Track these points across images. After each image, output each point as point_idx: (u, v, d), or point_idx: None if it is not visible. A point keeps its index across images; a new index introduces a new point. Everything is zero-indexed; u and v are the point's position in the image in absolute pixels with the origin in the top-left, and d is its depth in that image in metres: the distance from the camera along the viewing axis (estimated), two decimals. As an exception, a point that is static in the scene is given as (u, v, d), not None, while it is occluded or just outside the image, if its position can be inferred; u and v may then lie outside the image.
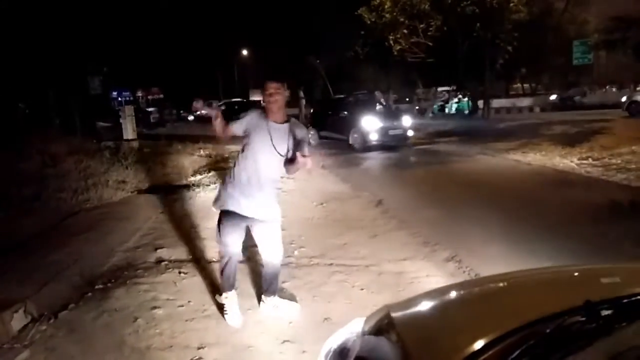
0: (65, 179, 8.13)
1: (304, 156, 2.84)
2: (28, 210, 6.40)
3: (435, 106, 27.96)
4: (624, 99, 19.49)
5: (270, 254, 3.30)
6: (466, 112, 26.03)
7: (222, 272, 3.26)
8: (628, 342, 1.14)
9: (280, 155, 3.06)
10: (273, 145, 3.02)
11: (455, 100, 26.84)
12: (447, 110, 27.39)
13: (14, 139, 10.90)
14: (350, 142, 13.84)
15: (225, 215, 3.14)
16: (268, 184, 3.13)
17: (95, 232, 5.54)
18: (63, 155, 10.04)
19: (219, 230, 3.18)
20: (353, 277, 4.08)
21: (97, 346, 3.03)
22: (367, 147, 13.31)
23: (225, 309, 3.31)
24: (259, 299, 3.53)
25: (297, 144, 3.07)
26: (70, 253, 4.81)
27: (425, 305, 1.68)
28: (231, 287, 3.30)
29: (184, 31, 33.46)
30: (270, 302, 3.42)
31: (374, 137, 13.21)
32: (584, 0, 28.42)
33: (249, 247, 4.79)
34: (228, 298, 3.30)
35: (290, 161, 3.04)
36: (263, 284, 3.46)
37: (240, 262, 4.45)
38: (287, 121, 3.12)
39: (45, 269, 4.35)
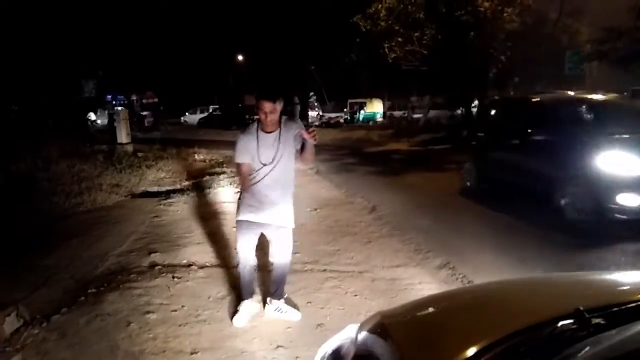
0: (58, 182, 8.11)
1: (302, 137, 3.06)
2: (21, 214, 6.36)
3: (346, 116, 29.41)
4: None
5: (280, 257, 3.39)
6: (371, 122, 27.84)
7: (240, 279, 3.41)
8: (618, 350, 1.16)
9: (267, 163, 3.14)
10: (258, 155, 3.13)
11: (362, 111, 28.87)
12: (356, 121, 28.77)
13: (6, 141, 10.85)
14: (562, 203, 5.85)
15: (241, 223, 3.27)
16: (280, 189, 3.23)
17: (89, 236, 5.52)
18: (56, 158, 10.01)
19: (237, 237, 3.32)
20: (346, 283, 4.09)
21: (90, 350, 3.02)
22: (605, 225, 5.34)
23: (237, 310, 3.40)
24: (264, 302, 3.57)
25: (296, 139, 3.19)
26: (63, 257, 4.79)
27: (418, 312, 1.70)
28: (249, 294, 3.40)
29: (180, 35, 33.46)
30: (275, 305, 3.46)
31: (629, 201, 5.22)
32: (577, 11, 28.76)
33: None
34: (243, 305, 3.40)
35: (301, 150, 3.20)
36: (271, 287, 3.52)
37: (234, 267, 4.46)
38: (279, 126, 3.18)
39: (38, 273, 4.34)
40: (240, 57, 38.64)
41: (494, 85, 21.73)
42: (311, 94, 38.30)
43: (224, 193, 7.66)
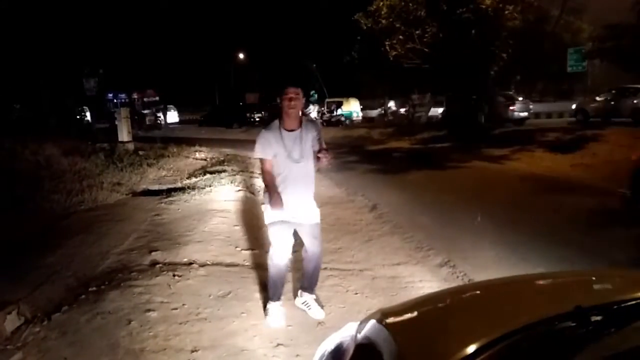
0: (59, 181, 8.11)
1: (320, 150, 3.09)
2: (22, 212, 6.37)
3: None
4: None
5: (313, 249, 3.40)
6: (347, 121, 28.15)
7: (269, 280, 3.40)
8: (617, 348, 1.16)
9: (297, 161, 3.18)
10: (289, 154, 3.16)
11: (340, 110, 29.32)
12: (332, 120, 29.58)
13: (8, 140, 10.86)
14: None
15: (274, 224, 3.26)
16: (304, 186, 3.27)
17: (90, 234, 5.52)
18: (58, 156, 10.01)
19: (271, 240, 3.33)
20: (347, 281, 4.10)
21: (91, 348, 3.02)
22: None
23: (268, 311, 3.41)
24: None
25: (314, 141, 3.23)
26: (64, 255, 4.79)
27: (419, 310, 1.70)
28: (277, 297, 3.39)
29: (181, 34, 33.45)
30: (304, 297, 3.50)
31: None
32: (579, 8, 28.67)
33: (244, 250, 4.81)
34: (272, 308, 3.40)
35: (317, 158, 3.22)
36: (303, 280, 3.57)
37: (235, 265, 4.47)
38: (300, 126, 3.21)
39: (39, 271, 4.34)
40: (241, 56, 38.64)
41: (496, 83, 21.70)
42: (312, 92, 38.33)
43: (225, 191, 7.66)
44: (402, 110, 30.84)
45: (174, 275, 4.11)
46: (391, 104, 31.94)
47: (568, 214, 6.29)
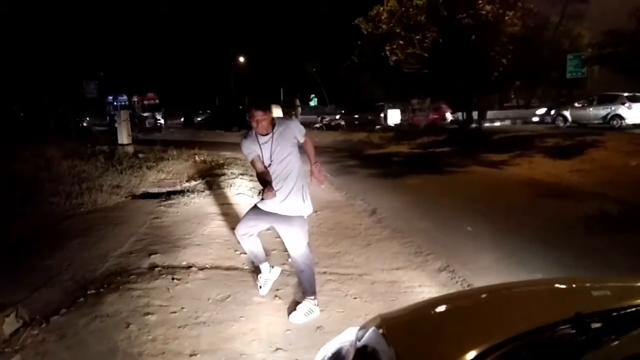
0: (59, 183, 8.09)
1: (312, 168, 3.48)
2: (21, 214, 6.36)
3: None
4: None
5: (293, 252, 3.46)
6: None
7: (247, 252, 3.61)
8: (617, 355, 1.16)
9: (275, 160, 3.35)
10: (268, 154, 3.36)
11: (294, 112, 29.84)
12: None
13: (8, 142, 10.86)
14: None
15: (254, 207, 3.54)
16: (287, 182, 3.37)
17: (89, 237, 5.52)
18: (57, 158, 10.00)
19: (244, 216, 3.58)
20: (346, 286, 4.09)
21: (89, 352, 3.01)
22: None
23: (259, 279, 3.75)
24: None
25: (291, 133, 3.40)
26: (63, 257, 4.79)
27: (418, 315, 1.70)
28: (261, 260, 3.64)
29: (182, 37, 33.56)
30: (302, 304, 3.48)
31: None
32: (579, 15, 28.81)
33: (243, 254, 4.80)
34: (263, 272, 3.69)
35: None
36: (299, 284, 3.65)
37: (234, 269, 4.47)
38: (272, 129, 3.36)
39: (38, 273, 4.34)
40: (241, 59, 38.70)
41: (495, 88, 21.76)
42: (312, 95, 38.44)
43: (225, 195, 7.66)
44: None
45: (172, 279, 4.11)
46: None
47: (567, 219, 6.29)
